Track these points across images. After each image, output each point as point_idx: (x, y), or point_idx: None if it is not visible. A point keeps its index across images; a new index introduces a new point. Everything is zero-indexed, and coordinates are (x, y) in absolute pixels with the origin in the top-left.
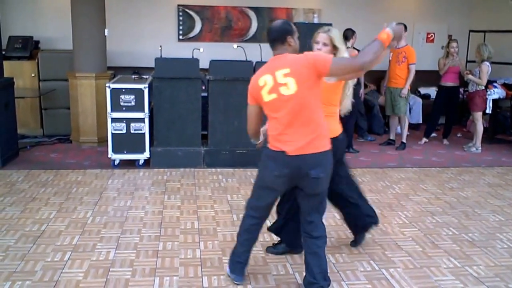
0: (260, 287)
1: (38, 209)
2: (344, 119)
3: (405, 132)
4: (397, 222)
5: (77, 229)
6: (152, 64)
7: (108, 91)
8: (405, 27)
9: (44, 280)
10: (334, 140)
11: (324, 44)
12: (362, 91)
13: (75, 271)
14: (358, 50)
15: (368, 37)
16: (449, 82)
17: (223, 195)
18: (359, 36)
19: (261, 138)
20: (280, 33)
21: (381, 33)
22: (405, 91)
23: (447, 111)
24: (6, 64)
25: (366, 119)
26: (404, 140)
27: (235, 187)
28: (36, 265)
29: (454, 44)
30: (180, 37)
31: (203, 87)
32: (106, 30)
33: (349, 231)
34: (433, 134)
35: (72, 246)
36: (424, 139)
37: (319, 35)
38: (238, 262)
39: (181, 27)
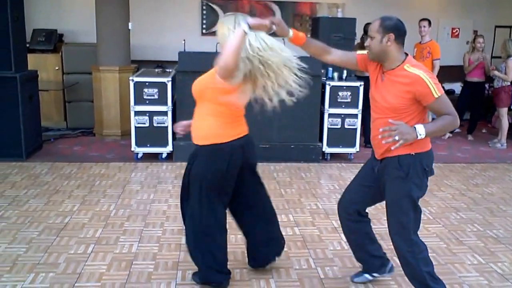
0: (282, 281)
1: (62, 201)
2: (363, 114)
3: None
4: (421, 218)
5: (100, 221)
6: (175, 58)
7: (131, 84)
8: (429, 22)
9: (67, 272)
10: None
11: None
12: None
13: (98, 264)
14: None
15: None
16: (474, 77)
17: None
18: None
19: None
20: None
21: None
22: None
23: (472, 107)
24: (30, 57)
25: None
26: None
27: None
28: (60, 257)
29: (480, 40)
30: (204, 31)
31: None
32: (130, 24)
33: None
34: (457, 130)
35: (95, 239)
36: (448, 134)
37: None
38: None
39: (204, 21)
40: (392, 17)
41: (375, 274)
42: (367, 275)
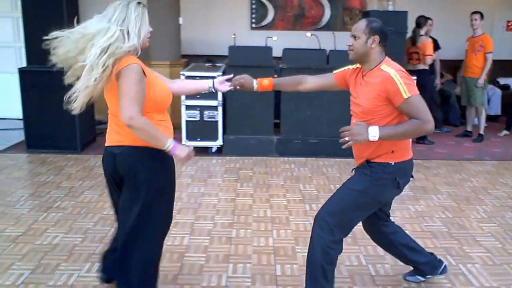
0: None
1: None
2: None
3: (483, 123)
4: (475, 217)
5: None
6: (225, 52)
7: (182, 78)
8: (481, 15)
9: None
10: None
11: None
12: (438, 81)
13: None
14: (434, 40)
15: (443, 26)
16: None
17: (295, 184)
18: (434, 25)
19: None
20: None
21: None
22: (481, 81)
23: None
24: None
25: (442, 109)
26: (482, 132)
27: (307, 176)
28: None
29: None
30: (253, 25)
31: (275, 76)
32: (180, 19)
33: (427, 223)
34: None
35: None
36: (505, 132)
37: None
38: None
39: (254, 15)
40: (377, 20)
41: (428, 276)
42: (419, 277)
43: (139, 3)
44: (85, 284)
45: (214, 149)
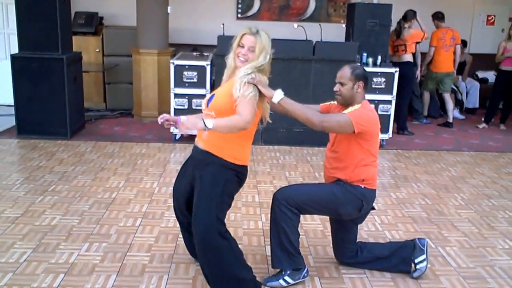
0: (375, 280)
1: (108, 178)
2: (397, 100)
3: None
4: (453, 204)
5: (145, 198)
6: (211, 42)
7: (172, 67)
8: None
9: (119, 243)
10: None
11: (250, 49)
12: (418, 72)
13: (147, 236)
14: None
15: (423, 19)
16: (509, 66)
17: (281, 171)
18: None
19: None
20: None
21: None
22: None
23: (505, 96)
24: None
25: (422, 101)
26: (450, 120)
27: (292, 164)
28: (111, 229)
29: None
30: (239, 15)
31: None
32: (169, 8)
33: (407, 209)
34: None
35: (142, 213)
36: (483, 125)
37: (246, 37)
38: None
39: (240, 6)
40: (359, 66)
41: (416, 260)
42: (418, 266)
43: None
44: (85, 263)
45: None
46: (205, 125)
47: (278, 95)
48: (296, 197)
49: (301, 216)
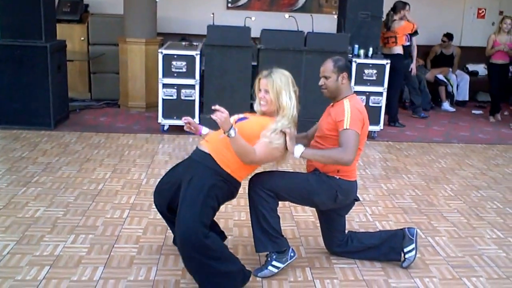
0: (365, 270)
1: (94, 169)
2: (387, 93)
3: None
4: (442, 195)
5: (132, 189)
6: (200, 31)
7: (160, 57)
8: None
9: (106, 235)
10: None
11: (266, 91)
12: (413, 65)
13: (135, 227)
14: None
15: (414, 11)
16: (500, 59)
17: (271, 163)
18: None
19: None
20: None
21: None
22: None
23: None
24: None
25: (420, 94)
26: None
27: None
28: (97, 221)
29: (508, 21)
30: (229, 5)
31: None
32: None
33: (398, 200)
34: (480, 112)
35: (129, 205)
36: (492, 119)
37: (261, 81)
38: None
39: None
40: (340, 58)
41: (405, 249)
42: (407, 255)
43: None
44: (71, 255)
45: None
46: (231, 129)
47: (298, 151)
48: (272, 182)
49: (292, 207)
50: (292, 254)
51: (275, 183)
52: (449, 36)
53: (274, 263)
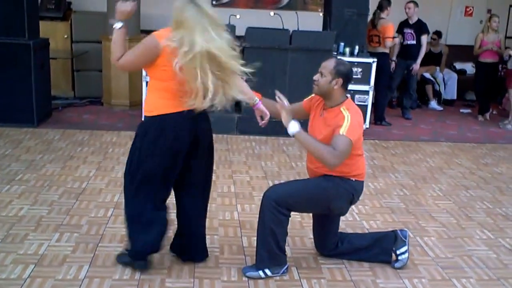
0: (354, 270)
1: (77, 167)
2: (375, 92)
3: None
4: (431, 194)
5: (117, 187)
6: None
7: None
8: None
9: (90, 233)
10: None
11: None
12: (416, 65)
13: (119, 226)
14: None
15: (400, 9)
16: (488, 58)
17: (257, 161)
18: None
19: None
20: None
21: None
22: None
23: (485, 88)
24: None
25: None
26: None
27: (268, 154)
28: (81, 220)
29: (496, 19)
30: (214, 2)
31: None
32: None
33: (385, 200)
34: (468, 110)
35: (113, 203)
36: (480, 118)
37: None
38: None
39: None
40: (346, 63)
41: (398, 251)
42: (400, 257)
43: None
44: (56, 253)
45: None
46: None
47: (293, 127)
48: (287, 197)
49: None
50: (285, 270)
51: (291, 198)
52: (438, 34)
53: (266, 270)
